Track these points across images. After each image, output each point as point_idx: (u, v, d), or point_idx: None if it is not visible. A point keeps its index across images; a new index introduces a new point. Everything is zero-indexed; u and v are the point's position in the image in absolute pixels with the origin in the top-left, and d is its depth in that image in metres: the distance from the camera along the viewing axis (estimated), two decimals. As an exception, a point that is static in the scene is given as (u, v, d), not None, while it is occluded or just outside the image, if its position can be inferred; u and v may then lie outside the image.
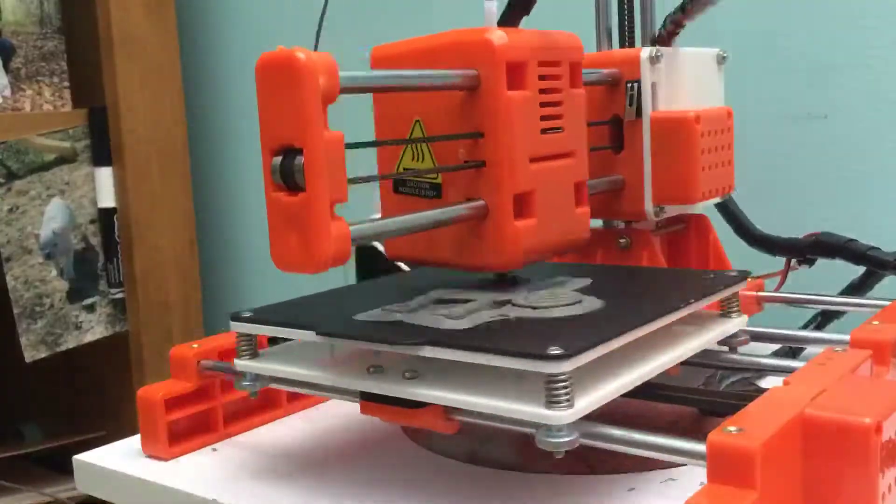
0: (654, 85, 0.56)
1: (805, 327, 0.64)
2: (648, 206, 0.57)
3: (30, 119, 1.00)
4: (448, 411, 0.41)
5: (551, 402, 0.37)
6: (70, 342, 1.03)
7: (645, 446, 0.38)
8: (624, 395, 0.46)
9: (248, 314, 0.47)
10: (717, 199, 0.60)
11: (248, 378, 0.48)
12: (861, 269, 0.63)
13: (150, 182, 1.05)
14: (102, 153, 1.03)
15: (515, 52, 0.45)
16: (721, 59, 0.62)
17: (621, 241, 0.59)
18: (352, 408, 0.55)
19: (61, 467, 1.10)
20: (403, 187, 0.50)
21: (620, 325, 0.41)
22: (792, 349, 0.59)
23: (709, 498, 0.32)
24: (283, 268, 0.39)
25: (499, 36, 0.45)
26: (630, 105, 0.57)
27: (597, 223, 0.62)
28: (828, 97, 0.73)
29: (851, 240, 0.62)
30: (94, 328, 1.05)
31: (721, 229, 0.64)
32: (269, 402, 0.57)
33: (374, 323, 0.44)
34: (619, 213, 0.59)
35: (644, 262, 0.58)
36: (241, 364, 0.47)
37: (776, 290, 0.64)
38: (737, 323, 0.49)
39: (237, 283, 1.23)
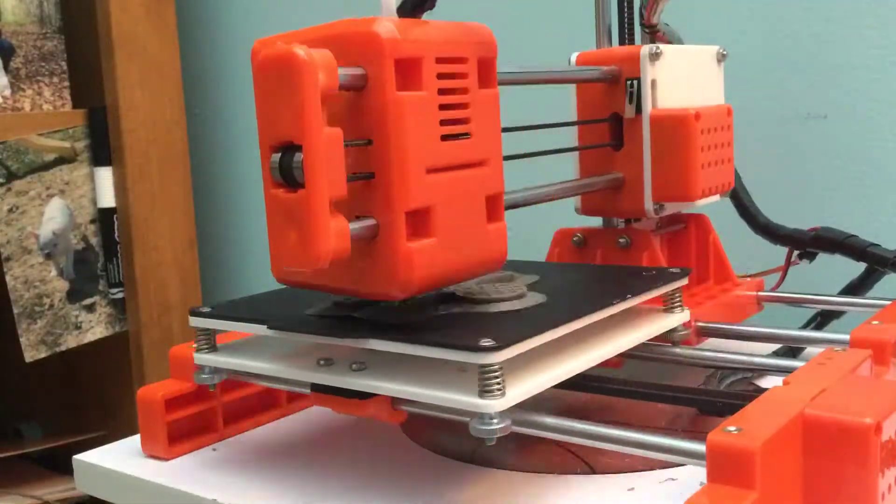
0: (653, 82, 0.56)
1: (805, 327, 0.64)
2: (648, 204, 0.57)
3: (30, 119, 1.00)
4: (394, 402, 0.42)
5: (484, 392, 0.38)
6: (70, 342, 1.03)
7: (645, 446, 0.38)
8: (624, 396, 0.47)
9: (206, 309, 0.49)
10: (717, 198, 0.60)
11: (207, 371, 0.49)
12: (861, 268, 0.63)
13: (150, 182, 1.05)
14: (102, 153, 1.03)
15: (407, 46, 0.40)
16: (721, 57, 0.62)
17: (621, 240, 0.59)
18: (352, 408, 0.55)
19: (61, 467, 1.10)
20: None
21: (554, 320, 0.42)
22: (792, 349, 0.59)
23: (709, 498, 0.32)
24: (283, 264, 0.39)
25: (387, 28, 0.39)
26: (630, 102, 0.57)
27: (597, 222, 0.62)
28: (828, 97, 0.73)
29: (852, 235, 0.62)
30: (94, 328, 1.05)
31: (721, 228, 0.64)
32: (268, 402, 0.57)
33: (323, 317, 0.46)
34: (618, 211, 0.59)
35: (644, 261, 0.58)
36: (199, 357, 0.49)
37: (777, 286, 0.64)
38: (678, 318, 0.50)
39: (237, 283, 1.23)
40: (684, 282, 0.51)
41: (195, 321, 0.49)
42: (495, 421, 0.38)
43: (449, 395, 0.39)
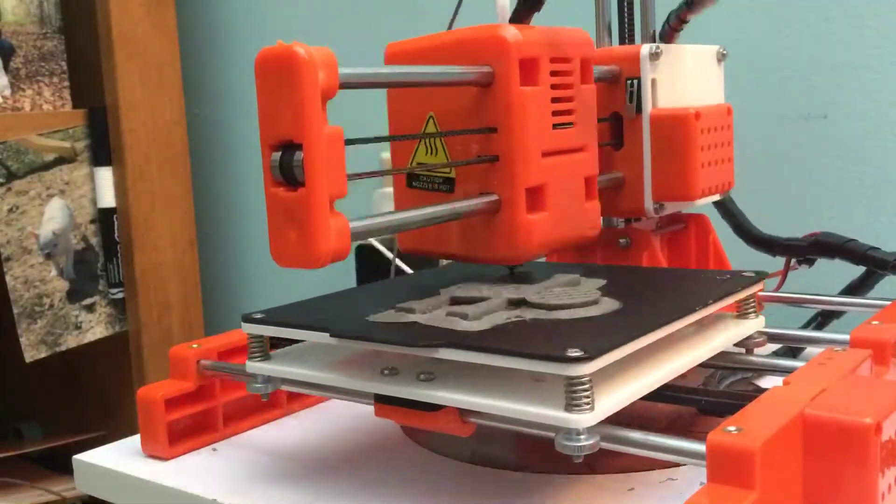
0: (654, 82, 0.56)
1: (805, 327, 0.64)
2: (648, 203, 0.57)
3: (30, 119, 1.00)
4: (464, 414, 0.40)
5: (572, 405, 0.36)
6: (70, 342, 1.03)
7: (645, 446, 0.38)
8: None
9: (259, 315, 0.46)
10: (717, 197, 0.60)
11: (260, 380, 0.47)
12: (861, 270, 0.63)
13: (150, 182, 1.05)
14: (102, 153, 1.03)
15: (528, 48, 0.46)
16: (721, 57, 0.62)
17: (621, 240, 0.59)
18: (352, 408, 0.55)
19: (61, 467, 1.10)
20: (417, 182, 0.51)
21: (640, 327, 0.40)
22: (792, 349, 0.59)
23: (709, 498, 0.32)
24: (282, 263, 0.39)
25: (512, 33, 0.46)
26: (630, 102, 0.57)
27: (597, 223, 0.62)
28: (828, 97, 0.73)
29: (851, 240, 0.62)
30: (94, 328, 1.05)
31: (721, 229, 0.64)
32: (268, 402, 0.57)
33: (387, 324, 0.43)
34: (618, 210, 0.59)
35: (644, 262, 0.58)
36: (253, 366, 0.47)
37: (776, 290, 0.64)
38: (754, 324, 0.49)
39: (237, 283, 1.23)
40: (760, 287, 0.50)
41: (248, 328, 0.46)
42: (583, 437, 0.36)
43: (531, 409, 0.37)
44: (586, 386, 0.36)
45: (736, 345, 0.48)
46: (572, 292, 0.46)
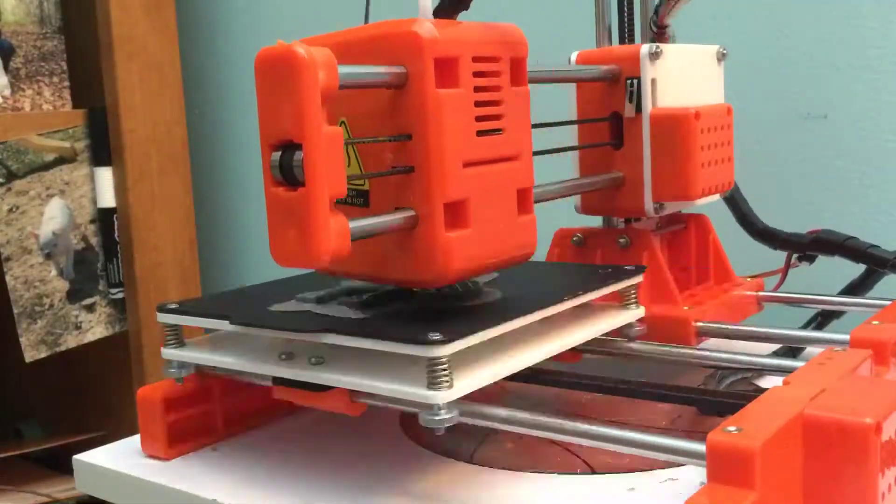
0: (653, 81, 0.56)
1: (805, 327, 0.64)
2: (648, 203, 0.57)
3: (30, 119, 1.00)
4: (353, 395, 0.43)
5: (432, 384, 0.39)
6: (70, 342, 1.03)
7: (645, 446, 0.38)
8: (625, 396, 0.47)
9: (173, 306, 0.50)
10: (717, 196, 0.60)
11: (174, 365, 0.50)
12: (861, 269, 0.63)
13: (150, 182, 1.05)
14: (102, 153, 1.03)
15: (446, 46, 0.42)
16: (721, 56, 0.62)
17: (621, 240, 0.59)
18: (352, 408, 0.55)
19: (61, 467, 1.10)
20: None
21: (504, 315, 0.43)
22: (792, 349, 0.59)
23: (709, 498, 0.32)
24: (282, 263, 0.39)
25: (427, 28, 0.41)
26: (630, 101, 0.57)
27: (597, 222, 0.62)
28: (828, 97, 0.73)
29: (851, 238, 0.62)
30: (94, 328, 1.05)
31: (721, 229, 0.64)
32: (269, 401, 0.57)
33: (285, 313, 0.47)
34: (618, 210, 0.59)
35: (644, 261, 0.58)
36: (166, 353, 0.50)
37: (777, 288, 0.64)
38: (633, 314, 0.52)
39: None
40: (639, 279, 0.53)
41: (162, 317, 0.50)
42: (443, 412, 0.39)
43: (399, 388, 0.40)
44: (445, 366, 0.39)
45: (618, 332, 0.52)
46: (458, 284, 0.48)
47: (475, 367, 0.42)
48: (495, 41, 0.44)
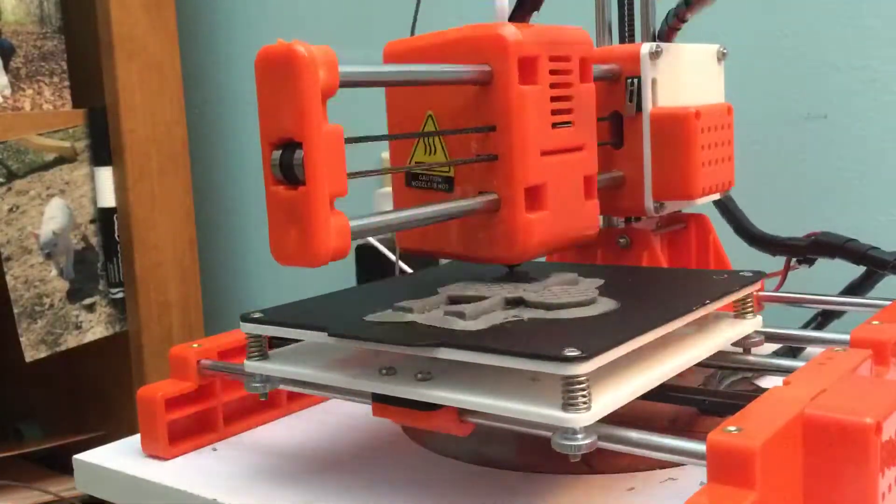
0: (654, 81, 0.56)
1: (805, 327, 0.64)
2: (648, 202, 0.57)
3: (30, 119, 1.00)
4: (461, 413, 0.41)
5: (569, 405, 0.36)
6: (70, 342, 1.03)
7: (645, 446, 0.38)
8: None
9: (257, 315, 0.47)
10: (717, 196, 0.60)
11: (258, 380, 0.47)
12: (861, 269, 0.63)
13: (150, 182, 1.05)
14: (102, 153, 1.03)
15: (527, 46, 0.46)
16: (721, 56, 0.62)
17: (621, 240, 0.59)
18: (352, 407, 0.55)
19: (61, 467, 1.10)
20: (416, 181, 0.51)
21: (637, 327, 0.40)
22: (792, 349, 0.59)
23: (709, 498, 0.32)
24: (283, 262, 0.39)
25: (511, 31, 0.46)
26: (630, 101, 0.57)
27: (597, 222, 0.62)
28: (828, 97, 0.73)
29: (851, 239, 0.62)
30: (94, 328, 1.05)
31: (721, 229, 0.64)
32: (268, 401, 0.57)
33: (385, 324, 0.43)
34: (618, 210, 0.59)
35: (644, 261, 0.58)
36: (250, 365, 0.47)
37: (776, 290, 0.64)
38: (752, 324, 0.49)
39: (237, 283, 1.23)
40: (758, 286, 0.50)
41: (247, 327, 0.46)
42: (580, 436, 0.36)
43: (528, 408, 0.37)
44: (583, 385, 0.36)
45: (734, 344, 0.48)
46: (570, 291, 0.46)
47: (608, 386, 0.39)
48: (567, 42, 0.49)
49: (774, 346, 0.58)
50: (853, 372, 0.40)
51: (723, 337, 0.47)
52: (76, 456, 0.53)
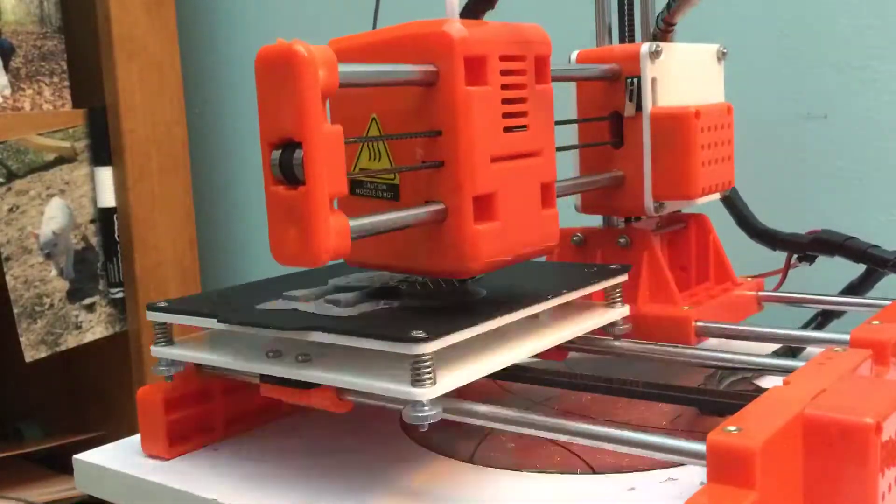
0: (653, 80, 0.56)
1: (805, 327, 0.64)
2: (648, 202, 0.57)
3: (30, 119, 1.00)
4: (340, 392, 0.44)
5: (416, 381, 0.40)
6: (70, 342, 1.03)
7: (645, 446, 0.38)
8: (625, 396, 0.47)
9: (162, 304, 0.51)
10: (717, 195, 0.60)
11: (164, 363, 0.51)
12: (861, 269, 0.63)
13: (150, 182, 1.05)
14: (102, 153, 1.03)
15: (475, 45, 0.43)
16: (721, 55, 0.62)
17: (621, 240, 0.59)
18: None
19: (61, 467, 1.10)
20: (360, 189, 0.48)
21: (488, 313, 0.44)
22: (792, 349, 0.59)
23: (709, 498, 0.32)
24: (283, 261, 0.39)
25: (457, 28, 0.43)
26: (630, 100, 0.57)
27: (597, 222, 0.62)
28: (828, 97, 0.73)
29: (851, 238, 0.62)
30: (94, 328, 1.05)
31: (721, 229, 0.64)
32: (269, 401, 0.57)
33: (271, 311, 0.48)
34: (618, 209, 0.59)
35: (644, 261, 0.58)
36: (156, 350, 0.51)
37: (777, 288, 0.64)
38: (618, 312, 0.53)
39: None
40: (624, 278, 0.53)
41: (151, 315, 0.51)
42: (427, 408, 0.40)
43: (384, 385, 0.41)
44: (428, 363, 0.40)
45: (603, 331, 0.52)
46: (441, 281, 0.49)
47: (459, 365, 0.43)
48: (521, 41, 0.46)
49: (774, 346, 0.58)
50: (853, 372, 0.40)
51: (585, 324, 0.50)
52: (76, 456, 0.53)
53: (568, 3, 0.60)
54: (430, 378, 0.40)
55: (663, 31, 0.59)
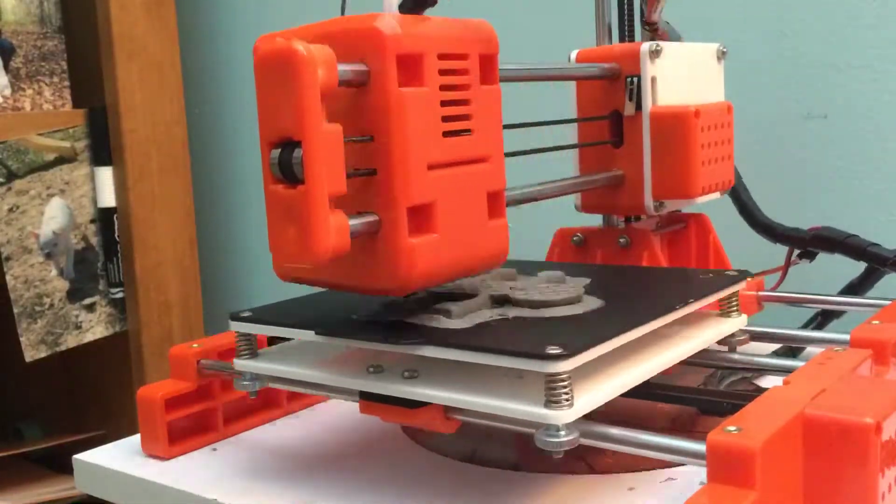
0: (653, 79, 0.56)
1: (805, 327, 0.64)
2: (648, 201, 0.57)
3: (30, 119, 1.00)
4: (447, 411, 0.41)
5: (551, 402, 0.37)
6: (70, 342, 1.03)
7: (645, 446, 0.38)
8: (623, 395, 0.47)
9: (247, 314, 0.47)
10: (717, 195, 0.60)
11: (247, 378, 0.48)
12: (861, 268, 0.63)
13: (150, 182, 1.05)
14: (102, 153, 1.03)
15: (409, 42, 0.39)
16: (721, 55, 0.62)
17: (621, 240, 0.59)
18: (351, 407, 0.55)
19: (61, 467, 1.10)
20: None
21: (619, 325, 0.41)
22: (792, 349, 0.59)
23: (709, 498, 0.32)
24: (282, 260, 0.39)
25: (389, 24, 0.39)
26: (630, 99, 0.57)
27: (597, 222, 0.62)
28: (828, 97, 0.73)
29: (852, 235, 0.62)
30: (94, 328, 1.05)
31: (721, 228, 0.64)
32: (268, 401, 0.57)
33: (372, 322, 0.44)
34: (618, 208, 0.59)
35: (644, 261, 0.58)
36: (240, 364, 0.48)
37: (777, 286, 0.64)
38: (736, 322, 0.49)
39: (237, 283, 1.23)
40: (743, 285, 0.50)
41: (236, 326, 0.47)
42: (563, 433, 0.37)
43: (512, 405, 0.37)
44: (565, 383, 0.36)
45: (719, 343, 0.48)
46: (556, 289, 0.46)
47: (591, 383, 0.39)
48: (464, 38, 0.42)
49: (774, 346, 0.58)
50: (853, 372, 0.40)
51: (707, 335, 0.47)
52: (76, 456, 0.53)
53: (568, 2, 0.60)
54: (567, 399, 0.36)
55: (649, 32, 0.59)
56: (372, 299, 0.46)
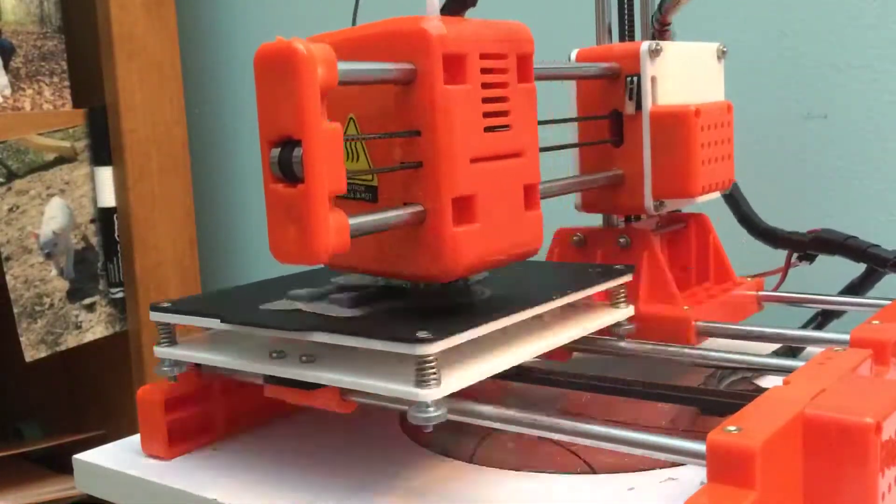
0: (653, 79, 0.56)
1: (805, 327, 0.64)
2: (648, 201, 0.57)
3: (30, 118, 1.00)
4: (343, 392, 0.44)
5: (421, 382, 0.40)
6: (70, 342, 1.03)
7: (645, 446, 0.38)
8: (622, 395, 0.47)
9: (165, 304, 0.51)
10: (717, 194, 0.60)
11: (167, 364, 0.51)
12: (861, 268, 0.63)
13: (150, 182, 1.05)
14: (102, 153, 1.03)
15: (454, 43, 0.42)
16: (721, 54, 0.62)
17: (621, 239, 0.59)
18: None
19: (61, 467, 1.10)
20: None
21: (492, 313, 0.44)
22: (792, 349, 0.59)
23: (709, 498, 0.32)
24: (282, 259, 0.39)
25: (435, 25, 0.42)
26: (630, 99, 0.57)
27: (597, 221, 0.62)
28: (828, 97, 0.73)
29: (852, 237, 0.62)
30: (94, 328, 1.05)
31: (721, 228, 0.64)
32: (269, 401, 0.57)
33: (274, 311, 0.48)
34: (618, 208, 0.59)
35: (644, 261, 0.58)
36: (159, 351, 0.51)
37: (777, 287, 0.64)
38: (623, 312, 0.53)
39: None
40: (628, 278, 0.53)
41: (154, 316, 0.51)
42: (432, 409, 0.40)
43: (388, 385, 0.41)
44: (433, 364, 0.40)
45: (608, 331, 0.52)
46: (448, 283, 0.48)
47: (463, 366, 0.42)
48: (502, 39, 0.45)
49: (774, 346, 0.58)
50: (853, 372, 0.40)
51: (589, 325, 0.50)
52: (76, 456, 0.53)
53: (568, 2, 0.60)
54: (435, 379, 0.40)
55: (659, 31, 0.59)
56: (279, 293, 0.51)
